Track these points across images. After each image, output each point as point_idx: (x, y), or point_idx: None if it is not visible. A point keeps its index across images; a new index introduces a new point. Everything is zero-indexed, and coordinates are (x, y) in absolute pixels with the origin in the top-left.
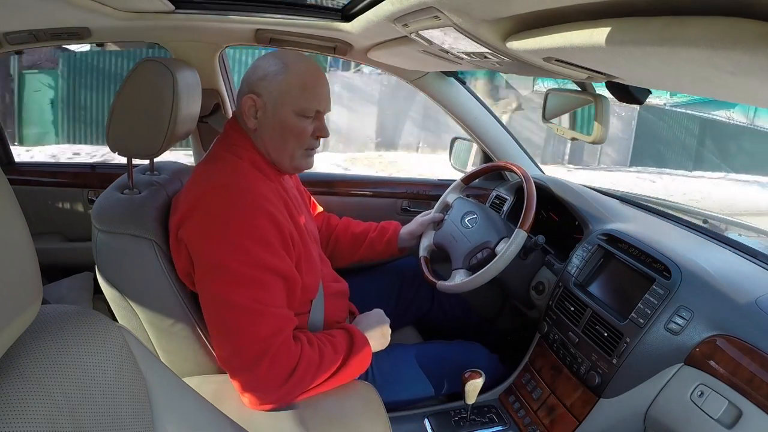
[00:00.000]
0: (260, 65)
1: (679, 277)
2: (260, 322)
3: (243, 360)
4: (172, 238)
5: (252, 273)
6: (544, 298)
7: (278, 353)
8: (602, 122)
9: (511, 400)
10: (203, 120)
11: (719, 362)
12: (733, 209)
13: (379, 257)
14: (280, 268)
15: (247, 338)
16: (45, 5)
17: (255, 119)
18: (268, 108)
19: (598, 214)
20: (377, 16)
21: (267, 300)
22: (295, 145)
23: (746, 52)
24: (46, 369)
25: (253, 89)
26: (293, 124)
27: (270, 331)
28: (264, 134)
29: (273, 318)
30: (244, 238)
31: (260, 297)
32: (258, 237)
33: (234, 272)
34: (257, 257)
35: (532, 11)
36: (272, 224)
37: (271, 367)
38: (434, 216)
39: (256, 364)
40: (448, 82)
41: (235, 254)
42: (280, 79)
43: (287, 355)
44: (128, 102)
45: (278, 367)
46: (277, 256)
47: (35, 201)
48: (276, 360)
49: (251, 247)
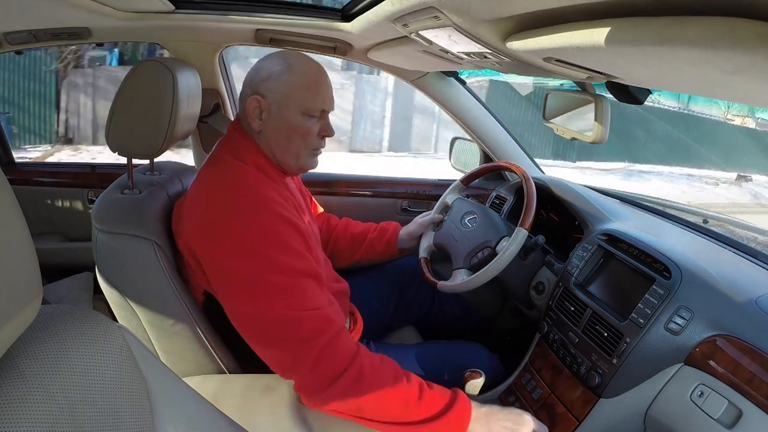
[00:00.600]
0: (263, 66)
1: (679, 277)
2: (300, 328)
3: (285, 364)
4: (182, 246)
5: (284, 281)
6: (544, 298)
7: (324, 354)
8: (602, 122)
9: (511, 400)
10: (203, 120)
11: (719, 362)
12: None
13: (378, 258)
14: (308, 269)
15: (289, 344)
16: (45, 5)
17: (260, 120)
18: (273, 109)
19: (598, 214)
20: (377, 16)
21: (303, 304)
22: (300, 145)
23: (746, 52)
24: (46, 369)
25: (257, 90)
26: (299, 124)
27: (310, 333)
28: (269, 135)
29: (312, 320)
30: (268, 248)
31: (296, 303)
32: (281, 243)
33: (266, 284)
34: (285, 265)
35: (532, 11)
36: (290, 226)
37: (316, 367)
38: (433, 217)
39: (299, 366)
40: (448, 82)
41: (264, 266)
42: (285, 80)
43: (335, 353)
44: (128, 102)
45: (324, 366)
46: (302, 259)
47: (35, 201)
48: (321, 360)
49: (277, 255)
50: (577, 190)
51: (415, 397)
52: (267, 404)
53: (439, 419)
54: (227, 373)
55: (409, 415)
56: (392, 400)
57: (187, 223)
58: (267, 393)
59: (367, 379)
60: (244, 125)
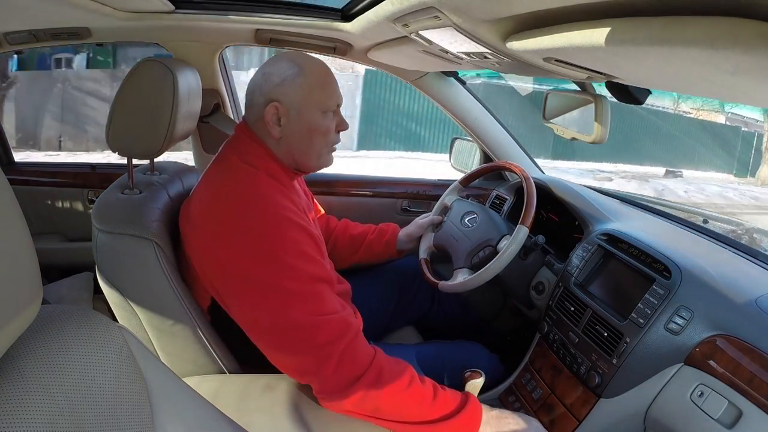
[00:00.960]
0: (273, 72)
1: (679, 277)
2: (318, 333)
3: (306, 369)
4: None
5: (303, 287)
6: (544, 298)
7: (344, 357)
8: (602, 122)
9: (511, 400)
10: (203, 120)
11: (719, 362)
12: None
13: (377, 259)
14: (323, 275)
15: (310, 349)
16: (45, 5)
17: (279, 127)
18: (293, 113)
19: (598, 214)
20: (377, 16)
21: (321, 310)
22: (322, 144)
23: (746, 52)
24: (46, 369)
25: (272, 97)
26: (319, 123)
27: (328, 338)
28: (290, 139)
29: (329, 326)
30: (285, 255)
31: (313, 309)
32: (297, 250)
33: (285, 291)
34: (303, 271)
35: (532, 11)
36: (305, 233)
37: (337, 370)
38: (432, 219)
39: (320, 370)
40: (448, 82)
41: (282, 273)
42: (300, 82)
43: (353, 357)
44: (128, 102)
45: (344, 369)
46: (317, 265)
47: (35, 201)
48: (342, 363)
49: (294, 262)
50: (577, 190)
51: (430, 397)
52: (267, 404)
53: (452, 419)
54: (227, 373)
55: (424, 415)
56: (409, 399)
57: (197, 228)
58: (266, 393)
59: (385, 380)
60: (257, 132)
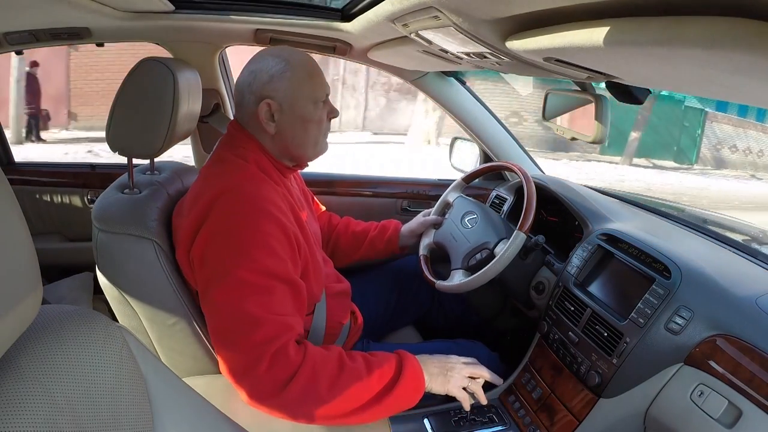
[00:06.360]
0: (260, 69)
1: (679, 277)
2: (258, 330)
3: (238, 365)
4: (181, 243)
5: (257, 280)
6: (544, 297)
7: (275, 360)
8: (602, 122)
9: (511, 399)
10: (203, 120)
11: (719, 362)
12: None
13: (379, 256)
14: (284, 274)
15: (243, 344)
16: (45, 5)
17: (273, 123)
18: (285, 107)
19: (598, 214)
20: (377, 16)
21: (271, 307)
22: (317, 133)
23: (746, 52)
24: (46, 369)
25: (263, 95)
26: (312, 113)
27: (264, 338)
28: (285, 134)
29: (272, 325)
30: (250, 246)
31: (264, 303)
32: (263, 243)
33: (240, 280)
34: (262, 264)
35: (532, 11)
36: (279, 229)
37: (268, 372)
38: (436, 219)
39: (252, 369)
40: (448, 82)
41: (240, 262)
42: (289, 76)
43: (284, 362)
44: (128, 102)
45: (275, 372)
46: (282, 263)
47: (35, 201)
48: (273, 366)
49: (256, 254)
50: (577, 190)
51: (363, 369)
52: None
53: (396, 387)
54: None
55: (368, 390)
56: (345, 379)
57: (185, 219)
58: None
59: (319, 369)
60: (248, 128)
